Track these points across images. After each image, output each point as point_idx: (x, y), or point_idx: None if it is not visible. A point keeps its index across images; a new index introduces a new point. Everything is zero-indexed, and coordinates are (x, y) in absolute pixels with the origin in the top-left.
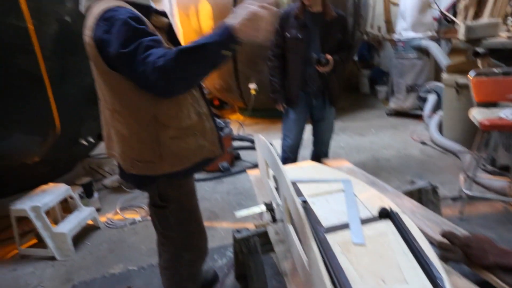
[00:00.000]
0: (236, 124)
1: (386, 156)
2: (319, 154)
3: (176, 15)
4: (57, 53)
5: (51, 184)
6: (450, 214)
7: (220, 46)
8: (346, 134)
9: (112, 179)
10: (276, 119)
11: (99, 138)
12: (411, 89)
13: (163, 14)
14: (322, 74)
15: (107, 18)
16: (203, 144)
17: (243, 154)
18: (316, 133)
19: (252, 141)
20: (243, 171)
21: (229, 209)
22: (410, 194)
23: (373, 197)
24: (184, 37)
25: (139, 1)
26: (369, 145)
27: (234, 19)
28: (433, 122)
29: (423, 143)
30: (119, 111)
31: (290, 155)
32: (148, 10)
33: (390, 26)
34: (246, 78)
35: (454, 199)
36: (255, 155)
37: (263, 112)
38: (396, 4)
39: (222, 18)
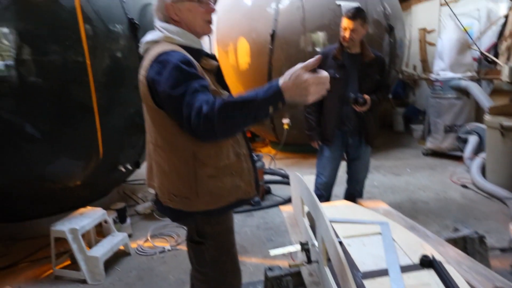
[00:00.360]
0: (268, 158)
1: (423, 198)
2: (353, 193)
3: (215, 51)
4: (107, 86)
5: (89, 208)
6: (500, 267)
7: (266, 104)
8: (380, 173)
9: (144, 206)
10: (308, 154)
11: (136, 165)
12: (449, 129)
13: (213, 57)
14: (359, 113)
15: (160, 60)
16: (239, 185)
17: (274, 188)
18: (350, 172)
19: (283, 176)
20: (273, 205)
21: (258, 244)
22: (454, 242)
23: (413, 242)
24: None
25: (191, 45)
26: (404, 185)
27: (286, 79)
28: (475, 165)
29: (464, 186)
30: (161, 146)
31: (323, 193)
32: (199, 53)
33: (426, 65)
34: (280, 113)
35: (503, 250)
36: (286, 189)
37: (295, 146)
38: (432, 44)
39: (259, 56)
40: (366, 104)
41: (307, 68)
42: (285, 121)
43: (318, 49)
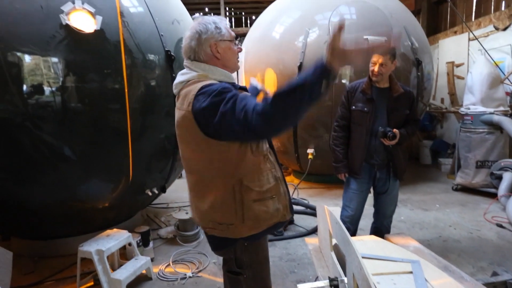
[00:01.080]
0: (291, 187)
1: (455, 236)
2: (381, 228)
3: (243, 80)
4: (140, 112)
5: (115, 230)
6: None
7: (317, 84)
8: (407, 207)
9: (167, 230)
10: (331, 184)
11: (162, 190)
12: (481, 164)
13: (245, 89)
14: (387, 147)
15: (204, 92)
16: (278, 207)
17: (297, 218)
18: (378, 206)
19: (306, 206)
20: (297, 236)
21: (281, 275)
22: (493, 287)
23: (448, 285)
24: None
25: (225, 80)
26: (434, 221)
27: (327, 56)
28: (511, 204)
29: (500, 225)
30: (205, 175)
31: (349, 226)
32: (234, 87)
33: (454, 98)
34: (304, 143)
35: None
36: (309, 220)
37: (318, 177)
38: (461, 78)
39: None
40: (395, 138)
41: (337, 37)
42: (310, 151)
43: (344, 82)
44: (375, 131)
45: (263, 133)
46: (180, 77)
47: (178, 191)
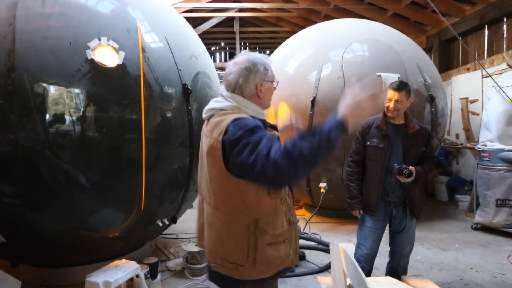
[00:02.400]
0: (302, 221)
1: (477, 280)
2: (397, 268)
3: None
4: (155, 142)
5: (123, 260)
6: None
7: (333, 140)
8: (423, 246)
9: (175, 262)
10: (344, 220)
11: (172, 220)
12: (502, 203)
13: (275, 128)
14: (403, 184)
15: (237, 124)
16: (289, 252)
17: (308, 254)
18: (394, 245)
19: (318, 242)
20: (308, 273)
21: None
22: None
23: None
24: None
25: (257, 116)
26: (453, 262)
27: (342, 109)
28: None
29: None
30: (222, 210)
31: (364, 266)
32: (264, 124)
33: (469, 134)
34: (317, 176)
35: None
36: (321, 256)
37: (331, 211)
38: (476, 114)
39: (299, 120)
40: (411, 176)
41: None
42: (322, 184)
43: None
44: (391, 168)
45: (277, 184)
46: (214, 103)
47: (188, 222)
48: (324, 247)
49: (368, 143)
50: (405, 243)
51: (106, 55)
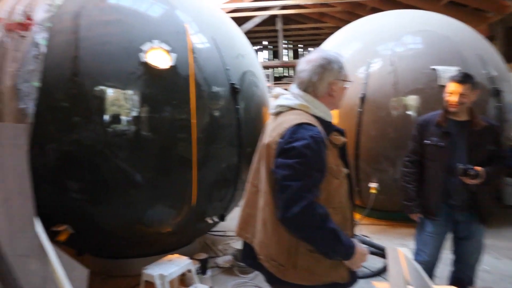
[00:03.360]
0: None
1: None
2: (462, 279)
3: None
4: (205, 142)
5: (176, 255)
6: None
7: (340, 251)
8: (491, 255)
9: (224, 259)
10: (396, 222)
11: (221, 218)
12: None
13: (342, 132)
14: (470, 186)
15: (295, 131)
16: (337, 266)
17: None
18: (459, 253)
19: (369, 244)
20: (360, 277)
21: None
22: None
23: None
24: None
25: (324, 117)
26: None
27: (358, 254)
28: None
29: None
30: (270, 207)
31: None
32: (330, 127)
33: None
34: (367, 176)
35: None
36: (372, 259)
37: (382, 213)
38: None
39: (348, 118)
40: (478, 177)
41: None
42: (373, 185)
43: (410, 113)
44: (453, 168)
45: (286, 219)
46: (283, 100)
47: (235, 219)
48: (376, 250)
49: (427, 141)
50: (472, 250)
51: (158, 57)
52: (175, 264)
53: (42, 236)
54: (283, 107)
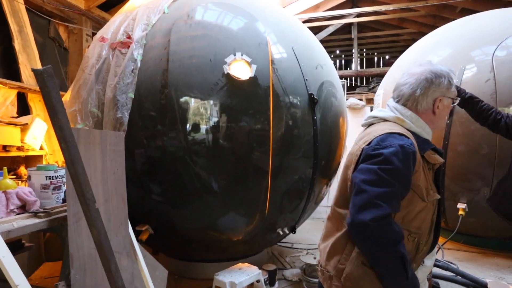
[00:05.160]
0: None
1: None
2: None
3: None
4: (280, 152)
5: (246, 264)
6: None
7: (395, 285)
8: None
9: (292, 272)
10: (488, 250)
11: (291, 230)
12: None
13: (440, 153)
14: None
15: (383, 139)
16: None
17: (443, 285)
18: None
19: (457, 273)
20: None
21: None
22: None
23: None
24: None
25: (421, 134)
26: None
27: None
28: None
29: None
30: (338, 210)
31: None
32: (427, 145)
33: None
34: (453, 195)
35: None
36: None
37: (471, 238)
38: None
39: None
40: None
41: None
42: (461, 205)
43: None
44: None
45: (353, 226)
46: (377, 112)
47: (302, 232)
48: (464, 281)
49: None
50: None
51: (240, 69)
52: (246, 273)
53: (132, 235)
54: (376, 118)
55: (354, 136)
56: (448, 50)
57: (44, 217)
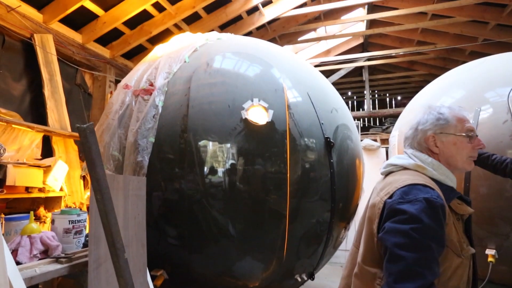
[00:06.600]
0: None
1: None
2: None
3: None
4: (297, 195)
5: None
6: None
7: None
8: None
9: None
10: None
11: (310, 276)
12: None
13: (468, 202)
14: None
15: (407, 192)
16: None
17: None
18: None
19: None
20: None
21: None
22: None
23: None
24: None
25: (445, 181)
26: None
27: None
28: None
29: None
30: (367, 268)
31: None
32: (452, 193)
33: None
34: (479, 240)
35: None
36: None
37: (502, 287)
38: None
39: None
40: None
41: None
42: (490, 252)
43: None
44: None
45: None
46: (395, 160)
47: (320, 278)
48: None
49: None
50: None
51: (258, 114)
52: None
53: (150, 283)
54: (396, 166)
55: (370, 177)
56: (462, 92)
57: (66, 263)
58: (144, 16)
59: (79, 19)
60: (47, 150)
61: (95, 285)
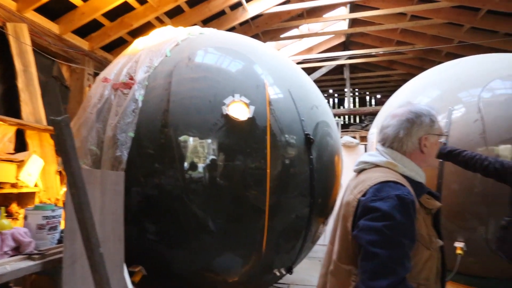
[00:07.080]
0: None
1: None
2: None
3: None
4: (277, 191)
5: None
6: None
7: None
8: None
9: None
10: None
11: (288, 270)
12: None
13: (436, 196)
14: None
15: (379, 189)
16: None
17: None
18: None
19: None
20: None
21: None
22: None
23: None
24: None
25: (415, 177)
26: None
27: None
28: None
29: None
30: (340, 268)
31: None
32: (422, 189)
33: None
34: (449, 234)
35: None
36: None
37: (470, 278)
38: None
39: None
40: None
41: None
42: (459, 244)
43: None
44: None
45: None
46: (367, 157)
47: (299, 272)
48: None
49: None
50: None
51: (239, 110)
52: None
53: (128, 279)
54: (367, 164)
55: (349, 174)
56: (437, 92)
57: (39, 259)
58: (125, 8)
59: (56, 9)
60: (21, 144)
61: (70, 282)
